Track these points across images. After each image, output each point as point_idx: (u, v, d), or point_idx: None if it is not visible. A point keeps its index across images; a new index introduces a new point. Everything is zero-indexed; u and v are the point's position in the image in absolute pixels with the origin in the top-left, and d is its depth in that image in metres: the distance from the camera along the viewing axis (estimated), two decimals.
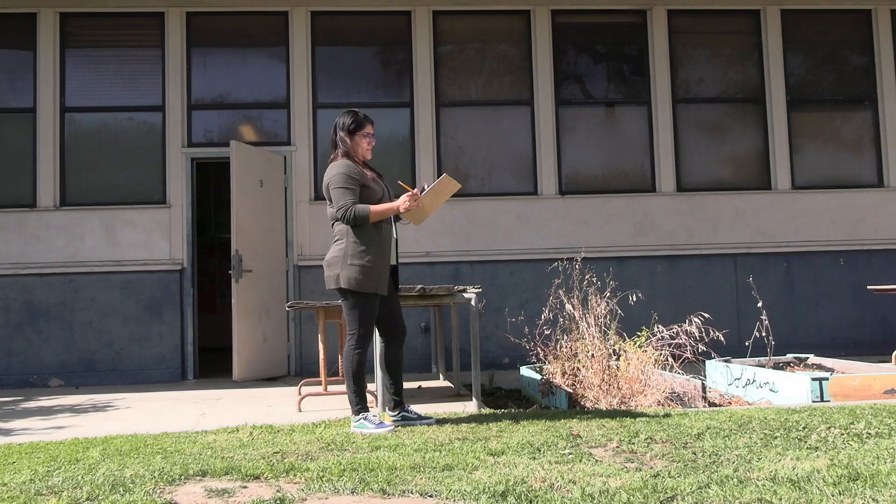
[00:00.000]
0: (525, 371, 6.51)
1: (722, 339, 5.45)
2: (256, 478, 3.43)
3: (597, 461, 3.57)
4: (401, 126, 8.56)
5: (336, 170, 4.65)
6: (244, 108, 8.55)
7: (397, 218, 4.84)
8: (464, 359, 7.50)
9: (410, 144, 8.52)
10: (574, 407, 5.32)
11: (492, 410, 5.27)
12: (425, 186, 4.76)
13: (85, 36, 8.46)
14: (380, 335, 4.89)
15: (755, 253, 8.64)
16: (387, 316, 4.80)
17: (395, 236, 4.84)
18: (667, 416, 4.67)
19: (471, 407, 5.44)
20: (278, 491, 3.19)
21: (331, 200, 4.66)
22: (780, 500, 2.86)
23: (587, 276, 5.87)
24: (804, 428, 4.17)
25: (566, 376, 5.75)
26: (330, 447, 4.05)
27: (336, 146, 4.74)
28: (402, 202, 4.59)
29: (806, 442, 3.85)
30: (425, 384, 6.93)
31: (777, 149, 8.80)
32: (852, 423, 4.23)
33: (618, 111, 8.94)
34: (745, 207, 8.71)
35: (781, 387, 5.54)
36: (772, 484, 3.04)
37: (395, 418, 4.77)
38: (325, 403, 5.78)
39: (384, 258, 4.66)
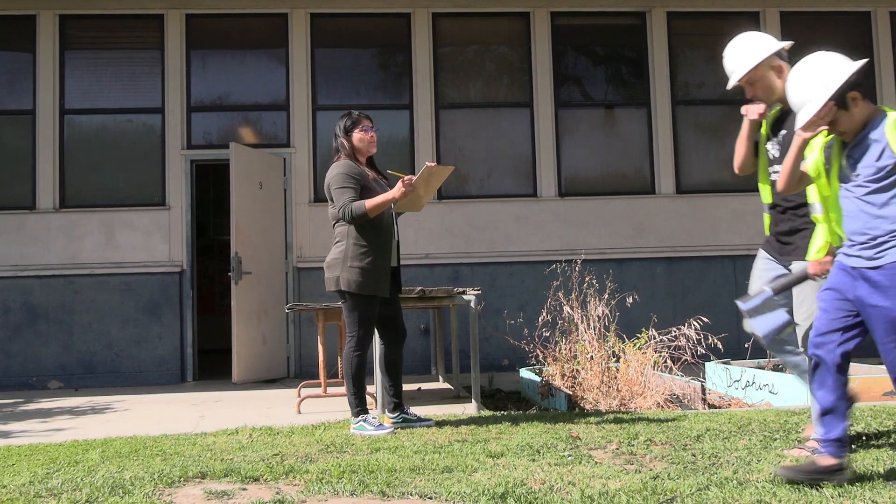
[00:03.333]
0: (524, 373, 6.51)
1: (720, 345, 5.45)
2: (256, 480, 3.43)
3: (596, 463, 3.57)
4: (400, 128, 8.56)
5: (336, 170, 4.68)
6: (243, 110, 8.55)
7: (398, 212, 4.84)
8: (463, 360, 7.49)
9: (410, 146, 8.52)
10: (573, 409, 5.32)
11: (491, 412, 5.26)
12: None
13: (84, 38, 8.46)
14: (380, 337, 4.89)
15: (754, 254, 8.61)
16: (387, 318, 4.80)
17: (396, 238, 4.85)
18: (666, 418, 4.67)
19: (470, 409, 5.43)
20: (278, 493, 3.19)
21: (332, 201, 4.68)
22: (780, 501, 2.86)
23: (586, 278, 5.88)
24: (804, 430, 4.17)
25: (565, 378, 5.75)
26: (329, 449, 4.05)
27: (338, 150, 4.77)
28: (396, 190, 4.58)
29: (805, 444, 3.85)
30: (425, 386, 6.93)
31: None
32: (852, 425, 4.23)
33: (617, 113, 8.94)
34: (744, 209, 8.70)
35: (781, 388, 5.54)
36: (771, 486, 3.05)
37: (394, 420, 4.77)
38: (325, 405, 5.77)
39: (384, 260, 4.66)
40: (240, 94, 8.51)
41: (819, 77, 3.13)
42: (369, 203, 4.53)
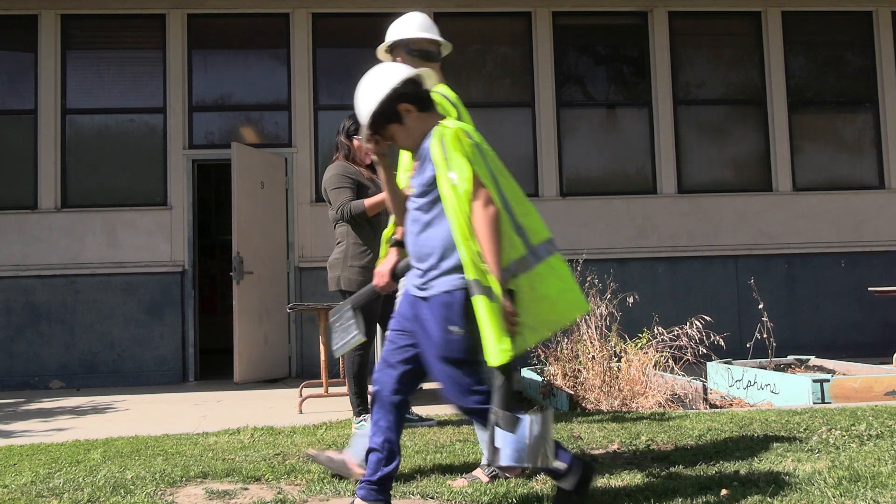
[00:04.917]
0: (526, 373, 6.51)
1: (722, 343, 5.44)
2: (257, 479, 3.43)
3: (598, 463, 3.57)
4: None
5: (330, 172, 4.77)
6: (245, 110, 8.55)
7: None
8: None
9: None
10: (575, 409, 5.32)
11: None
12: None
13: (86, 38, 8.46)
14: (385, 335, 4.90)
15: (756, 255, 8.64)
16: (391, 315, 4.81)
17: None
18: (668, 417, 4.66)
19: None
20: (279, 493, 3.19)
21: (330, 203, 4.73)
22: (782, 501, 2.86)
23: (588, 278, 5.87)
24: (805, 429, 4.17)
25: (567, 378, 5.75)
26: (331, 449, 4.05)
27: (338, 149, 4.82)
28: None
29: (807, 443, 3.85)
30: (426, 386, 6.92)
31: (778, 150, 8.80)
32: (853, 425, 4.23)
33: (619, 113, 8.94)
34: (746, 209, 8.70)
35: (783, 388, 5.53)
36: (773, 486, 3.04)
37: None
38: (326, 405, 5.78)
39: None
40: (241, 94, 8.51)
41: (372, 93, 2.83)
42: (368, 202, 4.60)
